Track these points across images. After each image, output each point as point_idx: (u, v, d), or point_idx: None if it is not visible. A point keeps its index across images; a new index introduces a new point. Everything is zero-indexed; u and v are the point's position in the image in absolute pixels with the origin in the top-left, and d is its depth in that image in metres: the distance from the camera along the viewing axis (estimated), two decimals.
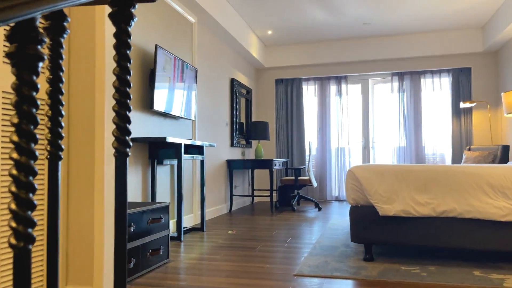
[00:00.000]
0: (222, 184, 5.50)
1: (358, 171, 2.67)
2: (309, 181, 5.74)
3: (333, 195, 6.99)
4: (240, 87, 6.24)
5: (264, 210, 5.70)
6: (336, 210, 5.67)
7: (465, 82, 6.43)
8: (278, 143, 7.14)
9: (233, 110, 5.87)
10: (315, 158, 7.07)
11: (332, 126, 7.04)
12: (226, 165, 5.63)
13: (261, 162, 5.58)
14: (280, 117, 7.14)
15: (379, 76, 6.96)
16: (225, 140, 5.63)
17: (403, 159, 6.64)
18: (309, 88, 7.18)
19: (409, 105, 6.66)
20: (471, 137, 6.36)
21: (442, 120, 6.58)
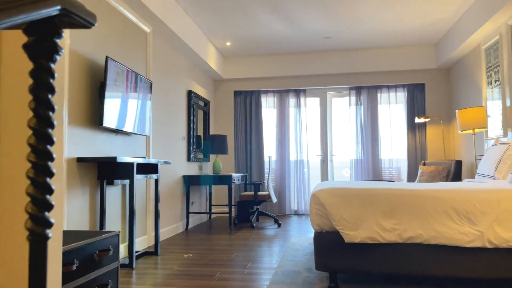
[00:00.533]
0: (178, 201, 5.24)
1: (322, 196, 2.55)
2: (268, 197, 5.61)
3: (292, 209, 6.90)
4: (198, 99, 6.03)
5: (222, 228, 5.49)
6: (295, 226, 5.56)
7: (419, 97, 6.58)
8: (237, 157, 6.97)
9: (190, 123, 5.64)
10: (274, 172, 6.96)
11: (291, 139, 6.97)
12: (182, 181, 5.38)
13: (219, 178, 5.38)
14: (239, 130, 6.98)
15: (337, 90, 6.99)
16: (181, 155, 5.39)
17: (361, 172, 6.68)
18: (268, 100, 7.08)
19: (366, 119, 6.72)
20: (426, 152, 6.50)
21: (398, 134, 6.69)
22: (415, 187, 2.56)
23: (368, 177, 6.62)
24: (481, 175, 3.78)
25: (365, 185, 2.83)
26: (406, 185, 2.60)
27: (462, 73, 5.81)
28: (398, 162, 6.68)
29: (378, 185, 2.76)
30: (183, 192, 5.39)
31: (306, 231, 5.14)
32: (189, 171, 5.67)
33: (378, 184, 2.83)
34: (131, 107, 3.67)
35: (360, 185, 2.75)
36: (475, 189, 2.49)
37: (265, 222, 5.95)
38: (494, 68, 4.61)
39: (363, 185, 2.82)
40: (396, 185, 2.64)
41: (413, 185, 2.59)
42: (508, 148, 3.45)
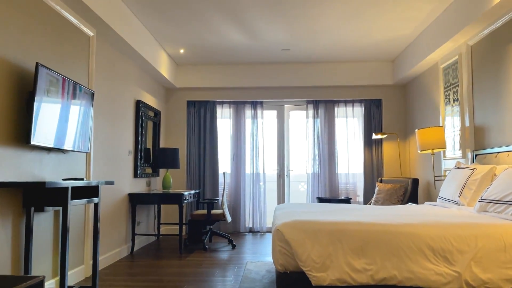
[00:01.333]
0: (123, 222, 4.75)
1: (287, 231, 2.25)
2: (222, 216, 5.25)
3: (247, 227, 6.58)
4: (147, 109, 5.58)
5: (172, 250, 5.05)
6: (250, 247, 5.24)
7: (376, 113, 6.53)
8: (189, 172, 6.56)
9: (138, 135, 5.18)
10: (229, 186, 6.62)
11: (247, 153, 6.68)
12: (128, 199, 4.90)
13: (169, 196, 4.96)
14: (192, 143, 6.58)
15: (295, 103, 6.80)
16: (127, 171, 4.91)
17: (317, 186, 6.50)
18: (223, 111, 6.75)
19: (323, 133, 6.58)
20: (382, 168, 6.44)
21: (355, 149, 6.60)
22: (388, 222, 2.33)
23: (325, 192, 6.46)
24: (443, 199, 3.67)
25: (333, 216, 2.57)
26: (378, 219, 2.36)
27: (419, 91, 5.80)
28: (355, 178, 6.58)
29: (347, 216, 2.50)
30: (128, 212, 4.91)
31: (261, 254, 4.84)
32: (136, 188, 5.20)
33: (346, 215, 2.57)
34: (67, 121, 3.20)
35: (328, 217, 2.48)
36: (451, 223, 2.31)
37: (219, 243, 5.58)
38: (452, 87, 4.58)
39: (330, 217, 2.55)
40: (367, 218, 2.40)
41: (385, 219, 2.36)
42: (473, 173, 3.34)
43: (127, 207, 4.86)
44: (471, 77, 4.20)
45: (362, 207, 3.45)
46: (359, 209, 3.25)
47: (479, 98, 4.07)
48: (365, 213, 2.85)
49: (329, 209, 3.23)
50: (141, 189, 5.39)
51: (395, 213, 2.91)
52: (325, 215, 2.72)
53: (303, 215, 2.75)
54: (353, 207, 3.41)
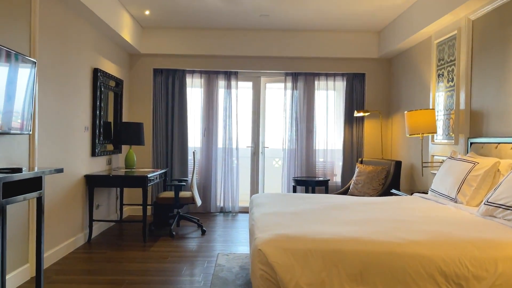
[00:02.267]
0: (79, 208, 4.22)
1: (271, 253, 1.82)
2: (192, 199, 4.79)
3: (217, 206, 6.17)
4: (107, 78, 4.93)
5: (134, 237, 4.59)
6: (221, 233, 4.84)
7: (359, 88, 6.11)
8: (155, 149, 6.00)
9: (96, 109, 4.56)
10: (199, 163, 6.14)
11: (219, 127, 6.16)
12: (84, 182, 4.35)
13: (131, 179, 4.43)
14: (159, 116, 5.99)
15: (272, 75, 6.27)
16: (83, 150, 4.33)
17: (293, 164, 6.11)
18: (194, 82, 6.15)
19: (302, 108, 6.13)
20: (362, 147, 6.10)
21: (335, 127, 6.21)
22: (391, 240, 1.93)
23: (301, 171, 6.09)
24: (437, 193, 3.33)
25: (323, 226, 2.15)
26: (380, 237, 1.95)
27: (406, 67, 5.39)
28: (333, 156, 6.23)
29: (343, 231, 2.09)
30: (85, 196, 4.37)
31: (233, 242, 4.45)
32: (94, 168, 4.63)
33: (343, 229, 2.15)
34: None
35: (318, 227, 2.05)
36: (466, 241, 1.93)
37: (187, 228, 5.15)
38: (447, 66, 4.18)
39: (320, 226, 2.13)
40: (367, 235, 1.99)
41: (388, 237, 1.96)
42: (473, 168, 2.99)
43: (83, 190, 4.32)
44: (471, 55, 3.80)
45: (352, 202, 3.06)
46: (349, 207, 2.86)
47: (478, 79, 3.69)
48: (359, 217, 2.46)
49: (314, 207, 2.82)
50: (101, 169, 4.83)
51: (392, 216, 2.53)
52: (312, 222, 2.30)
53: (287, 220, 2.33)
54: (342, 203, 3.01)
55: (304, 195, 3.44)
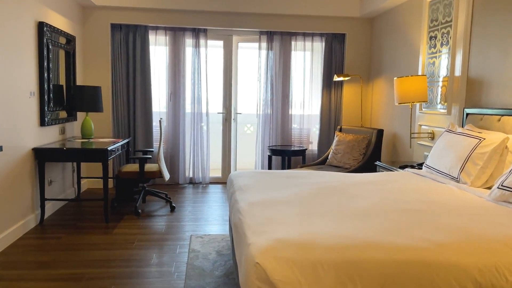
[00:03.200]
0: (27, 186, 3.66)
1: (273, 269, 1.43)
2: (159, 173, 4.32)
3: (186, 177, 5.73)
4: (56, 34, 4.22)
5: (95, 216, 4.10)
6: (192, 209, 4.44)
7: (338, 50, 5.68)
8: (115, 115, 5.39)
9: (44, 71, 3.90)
10: (166, 130, 5.62)
11: (187, 91, 5.61)
12: (33, 156, 3.76)
13: (90, 153, 3.88)
14: (119, 79, 5.34)
15: (245, 33, 5.70)
16: (30, 119, 3.71)
17: (268, 131, 5.71)
18: (158, 40, 5.50)
19: (278, 71, 5.66)
20: (340, 114, 5.76)
21: (312, 91, 5.80)
22: (416, 244, 1.58)
23: (276, 139, 5.71)
24: (434, 170, 3.04)
25: (333, 229, 1.78)
26: (402, 240, 1.60)
27: (391, 28, 4.99)
28: (309, 123, 5.87)
29: (355, 230, 1.72)
30: (34, 172, 3.79)
31: (207, 221, 4.06)
32: (45, 139, 4.03)
33: (352, 226, 1.79)
34: None
35: (328, 236, 1.68)
36: (501, 241, 1.62)
37: (154, 204, 4.70)
38: (442, 27, 3.81)
39: (328, 230, 1.76)
40: (385, 236, 1.63)
41: (411, 240, 1.61)
42: (479, 144, 2.69)
43: (32, 166, 3.74)
44: (471, 15, 3.43)
45: (345, 183, 2.70)
46: (344, 190, 2.51)
47: (478, 43, 3.35)
48: (362, 206, 2.10)
49: (306, 191, 2.45)
50: (53, 140, 4.23)
51: (398, 202, 2.20)
52: (312, 215, 1.92)
53: (282, 214, 1.94)
54: (334, 184, 2.65)
55: (288, 173, 3.06)
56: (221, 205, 4.66)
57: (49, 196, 4.09)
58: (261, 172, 3.09)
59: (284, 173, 3.06)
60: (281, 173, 3.04)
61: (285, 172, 3.08)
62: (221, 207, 4.56)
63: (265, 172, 3.07)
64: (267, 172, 3.08)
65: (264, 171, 3.12)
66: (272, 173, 3.06)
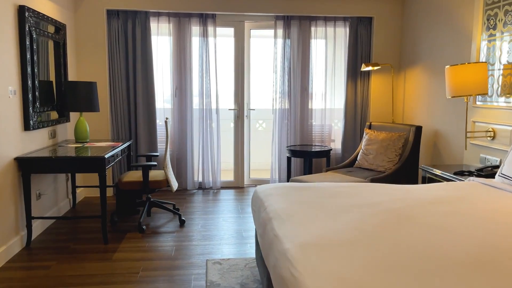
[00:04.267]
0: (9, 203, 3.05)
1: None
2: (165, 183, 3.71)
3: (195, 182, 5.12)
4: (43, 21, 3.58)
5: (92, 233, 3.50)
6: (204, 222, 3.82)
7: (365, 36, 5.02)
8: (114, 115, 4.76)
9: (26, 64, 3.26)
10: (172, 129, 5.00)
11: (194, 86, 4.98)
12: (16, 167, 3.15)
13: (83, 163, 3.25)
14: (117, 73, 4.71)
15: (259, 19, 5.05)
16: (11, 122, 3.09)
17: (286, 129, 5.08)
18: (160, 28, 4.85)
19: (296, 60, 5.01)
20: (367, 109, 5.12)
21: (335, 82, 5.16)
22: None
23: (295, 137, 5.08)
24: None
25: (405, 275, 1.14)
26: None
27: (429, 8, 4.32)
28: (332, 118, 5.23)
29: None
30: (17, 186, 3.18)
31: (223, 238, 3.45)
32: (30, 146, 3.41)
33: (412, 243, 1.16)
34: None
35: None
36: None
37: (161, 217, 4.08)
38: (506, 3, 3.15)
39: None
40: None
41: None
42: None
43: (14, 179, 3.13)
44: None
45: (407, 203, 2.08)
46: (413, 214, 1.89)
47: None
48: (453, 246, 1.49)
49: (365, 219, 1.83)
50: (41, 145, 3.61)
51: (500, 231, 1.58)
52: (398, 271, 1.30)
53: (357, 268, 1.32)
54: (398, 205, 2.03)
55: (330, 189, 2.44)
56: (236, 216, 4.05)
57: (38, 213, 3.49)
58: (295, 187, 2.47)
59: (325, 188, 2.44)
60: (321, 189, 2.42)
61: (325, 187, 2.46)
62: (237, 220, 3.95)
63: (300, 188, 2.45)
64: (303, 187, 2.45)
65: (298, 186, 2.50)
66: (310, 188, 2.44)
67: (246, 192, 5.01)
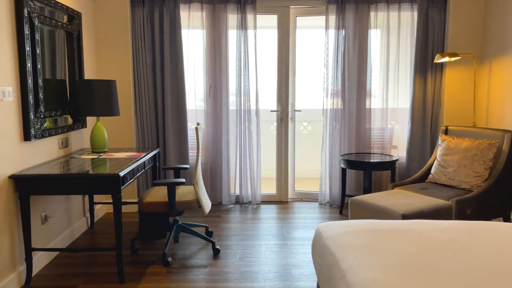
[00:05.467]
0: (3, 233, 2.44)
1: None
2: (195, 203, 3.00)
3: (231, 196, 4.41)
4: (49, 7, 2.97)
5: (107, 267, 2.84)
6: (244, 251, 3.08)
7: (437, 20, 4.12)
8: (139, 120, 4.12)
9: (26, 58, 2.64)
10: (204, 137, 4.32)
11: (231, 83, 4.27)
12: (11, 188, 2.53)
13: (93, 181, 2.58)
14: (142, 71, 4.05)
15: (307, 4, 4.25)
16: (5, 131, 2.47)
17: (338, 132, 4.27)
18: (192, 17, 4.16)
19: (351, 52, 4.19)
20: (440, 109, 4.22)
21: (398, 77, 4.29)
22: None
23: (349, 144, 4.26)
24: None
25: None
26: None
27: None
28: (394, 120, 4.37)
29: None
30: (14, 211, 2.57)
31: (267, 277, 2.69)
32: (32, 159, 2.79)
33: None
34: None
35: None
36: None
37: (190, 243, 3.38)
38: None
39: None
40: None
41: None
42: None
43: (10, 202, 2.51)
44: None
45: None
46: None
47: None
48: None
49: None
50: (47, 157, 2.99)
51: None
52: None
53: None
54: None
55: (429, 229, 1.64)
56: (282, 244, 3.29)
57: (44, 239, 2.88)
58: (378, 231, 1.68)
59: (425, 232, 1.63)
60: (418, 233, 1.62)
61: (424, 231, 1.65)
62: (283, 248, 3.18)
63: (386, 232, 1.66)
64: (391, 231, 1.66)
65: (382, 228, 1.71)
66: (401, 232, 1.65)
67: (290, 208, 4.25)
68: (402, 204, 2.96)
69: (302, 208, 4.24)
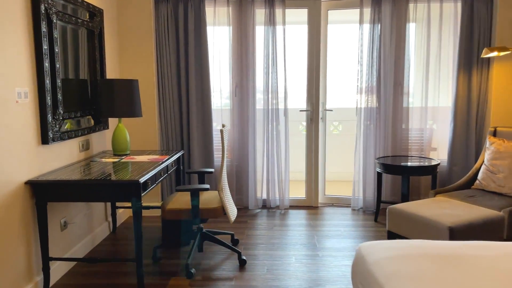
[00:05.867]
0: (19, 242, 2.31)
1: None
2: (221, 211, 2.81)
3: (258, 200, 4.20)
4: (69, 4, 2.83)
5: (127, 277, 2.69)
6: (272, 261, 2.87)
7: (483, 13, 3.77)
8: (163, 121, 3.96)
9: (43, 57, 2.50)
10: (231, 138, 4.13)
11: (258, 81, 4.05)
12: (28, 194, 2.40)
13: (111, 188, 2.42)
14: (166, 68, 3.89)
15: None
16: (22, 135, 2.35)
17: (373, 130, 3.99)
18: (218, 13, 3.97)
19: (388, 47, 3.90)
20: (486, 108, 3.87)
21: (439, 74, 3.96)
22: None
23: (385, 143, 3.97)
24: None
25: None
26: None
27: None
28: (433, 120, 4.06)
29: None
30: (30, 219, 2.44)
31: (298, 287, 2.47)
32: (50, 164, 2.66)
33: None
34: None
35: None
36: None
37: (215, 252, 3.19)
38: None
39: None
40: None
41: None
42: None
43: (27, 209, 2.38)
44: None
45: None
46: None
47: None
48: None
49: None
50: (67, 161, 2.86)
51: None
52: None
53: None
54: None
55: (491, 253, 1.37)
56: (313, 254, 3.05)
57: (63, 247, 2.75)
58: (430, 256, 1.42)
59: (487, 259, 1.37)
60: (479, 259, 1.35)
61: (486, 256, 1.39)
62: (314, 260, 2.95)
63: (440, 257, 1.41)
64: (446, 257, 1.40)
65: (434, 252, 1.45)
66: (458, 258, 1.39)
67: (321, 214, 4.00)
68: (448, 215, 2.66)
69: (334, 214, 3.99)
